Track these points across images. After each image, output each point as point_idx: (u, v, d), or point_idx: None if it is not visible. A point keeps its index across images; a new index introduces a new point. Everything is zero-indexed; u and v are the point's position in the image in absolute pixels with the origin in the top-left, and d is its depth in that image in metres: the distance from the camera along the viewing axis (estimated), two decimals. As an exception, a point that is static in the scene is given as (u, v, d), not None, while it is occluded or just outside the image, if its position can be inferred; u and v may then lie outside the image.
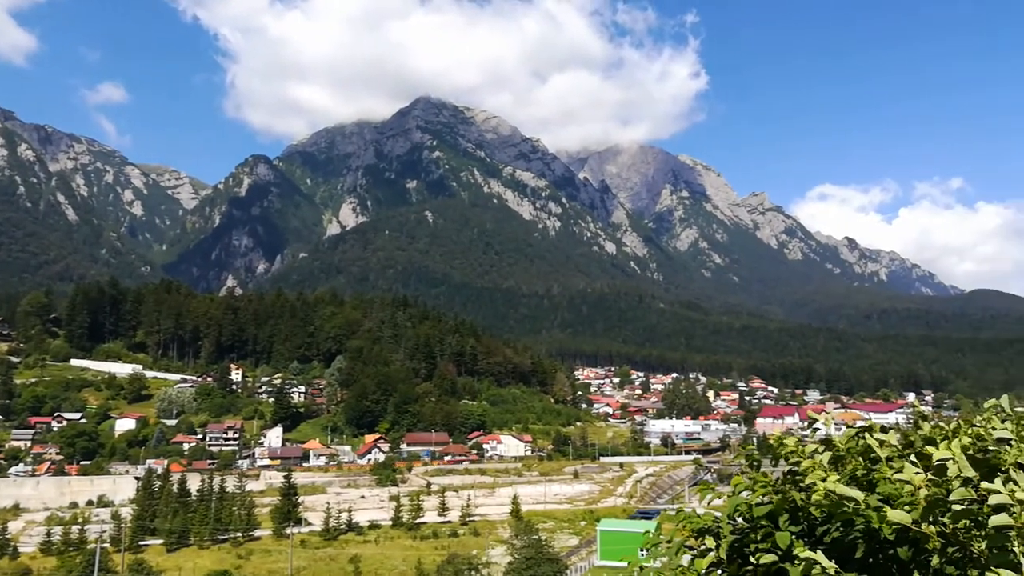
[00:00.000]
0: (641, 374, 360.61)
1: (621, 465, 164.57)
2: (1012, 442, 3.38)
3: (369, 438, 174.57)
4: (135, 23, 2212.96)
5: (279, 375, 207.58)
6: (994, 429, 3.51)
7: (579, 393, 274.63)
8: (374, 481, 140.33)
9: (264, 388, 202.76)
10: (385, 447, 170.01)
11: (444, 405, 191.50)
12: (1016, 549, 2.90)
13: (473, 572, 76.86)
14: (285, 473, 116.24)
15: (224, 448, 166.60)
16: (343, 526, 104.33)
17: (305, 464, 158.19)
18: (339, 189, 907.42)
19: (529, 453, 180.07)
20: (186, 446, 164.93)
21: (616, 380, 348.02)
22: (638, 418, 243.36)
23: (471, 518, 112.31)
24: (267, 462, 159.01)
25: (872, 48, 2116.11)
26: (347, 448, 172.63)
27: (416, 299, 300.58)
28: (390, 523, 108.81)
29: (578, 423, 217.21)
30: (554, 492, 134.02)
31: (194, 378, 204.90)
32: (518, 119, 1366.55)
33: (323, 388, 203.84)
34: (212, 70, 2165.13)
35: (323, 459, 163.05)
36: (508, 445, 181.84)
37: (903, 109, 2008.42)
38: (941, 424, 3.86)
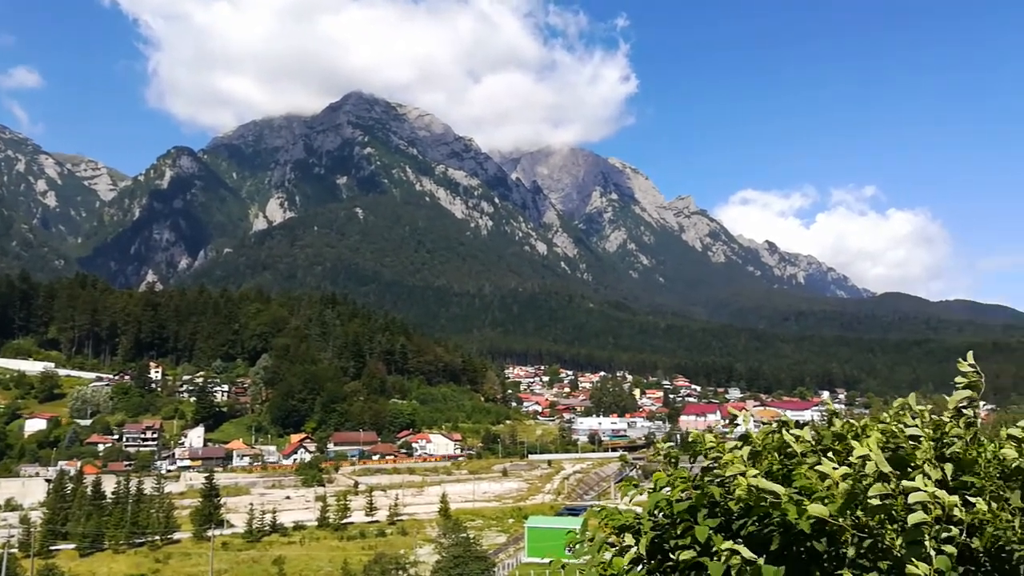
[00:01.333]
0: (570, 372, 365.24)
1: (549, 462, 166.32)
2: (922, 439, 3.52)
3: (295, 438, 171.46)
4: (50, 5, 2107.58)
5: (201, 374, 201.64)
6: (905, 426, 3.64)
7: (509, 391, 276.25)
8: (300, 481, 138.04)
9: (185, 387, 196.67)
10: (312, 447, 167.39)
11: (373, 404, 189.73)
12: (927, 543, 3.03)
13: (400, 571, 76.53)
14: (207, 474, 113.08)
15: (142, 449, 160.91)
16: (267, 527, 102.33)
17: (228, 465, 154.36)
18: (266, 184, 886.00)
19: (459, 452, 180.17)
20: (101, 447, 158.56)
21: (546, 378, 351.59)
22: (567, 416, 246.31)
23: (399, 517, 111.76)
24: (188, 463, 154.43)
25: (795, 59, 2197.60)
26: (272, 448, 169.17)
27: (345, 297, 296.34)
28: (316, 524, 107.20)
29: (508, 421, 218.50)
30: (483, 490, 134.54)
31: (110, 376, 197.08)
32: (451, 118, 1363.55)
33: (247, 387, 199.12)
34: (133, 58, 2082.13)
35: (247, 459, 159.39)
36: (438, 444, 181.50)
37: (823, 118, 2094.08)
38: (852, 421, 4.04)
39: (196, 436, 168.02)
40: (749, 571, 3.26)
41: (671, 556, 3.70)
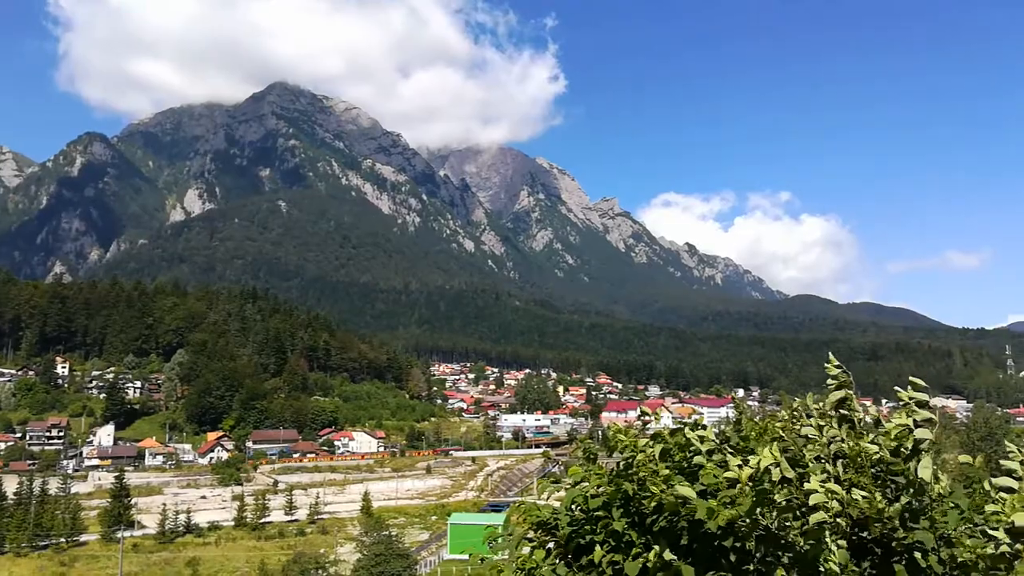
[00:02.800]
0: (496, 370, 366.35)
1: (473, 459, 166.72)
2: (815, 438, 3.72)
3: (212, 436, 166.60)
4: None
5: (112, 369, 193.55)
6: (802, 427, 3.83)
7: (435, 389, 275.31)
8: (216, 481, 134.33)
9: (95, 383, 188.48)
10: (229, 445, 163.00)
11: (294, 401, 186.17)
12: (828, 539, 3.24)
13: (320, 571, 75.70)
14: (117, 474, 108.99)
15: (47, 447, 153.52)
16: (181, 528, 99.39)
17: (141, 464, 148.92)
18: (185, 174, 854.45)
19: (382, 449, 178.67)
20: (2, 446, 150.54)
21: (471, 376, 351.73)
22: (491, 413, 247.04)
23: (320, 516, 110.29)
24: (97, 462, 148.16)
25: (718, 67, 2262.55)
26: (187, 447, 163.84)
27: (267, 292, 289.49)
28: (233, 524, 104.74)
29: (432, 418, 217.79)
30: (406, 488, 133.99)
31: (13, 372, 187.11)
32: (379, 112, 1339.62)
33: (162, 383, 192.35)
34: (42, 38, 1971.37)
35: (160, 459, 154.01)
36: (361, 441, 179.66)
37: (744, 124, 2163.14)
38: (755, 420, 4.14)
39: (106, 434, 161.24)
40: (666, 571, 3.36)
41: (588, 552, 3.80)
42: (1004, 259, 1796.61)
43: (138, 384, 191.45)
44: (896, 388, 3.78)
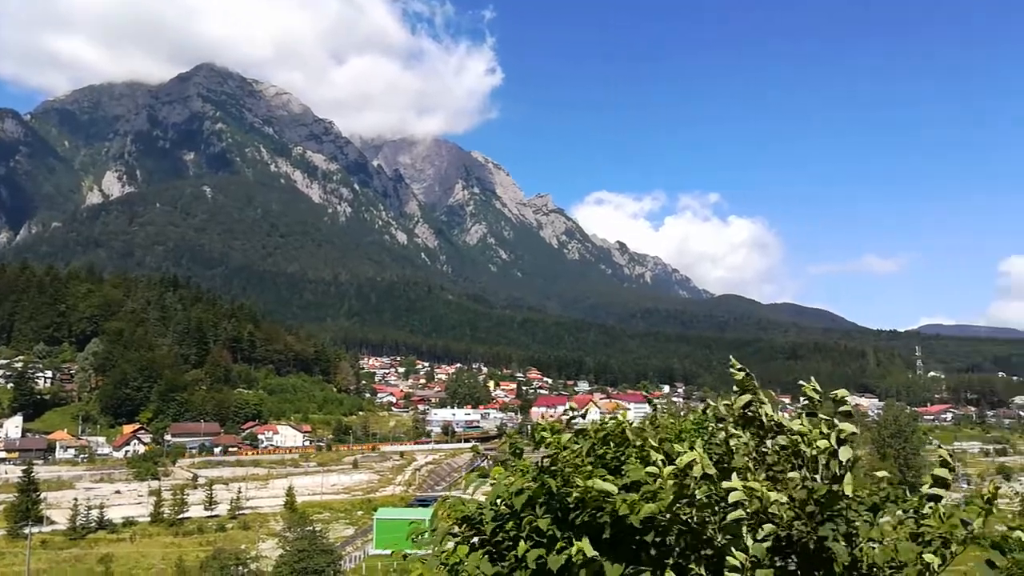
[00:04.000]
0: (426, 364, 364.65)
1: (402, 454, 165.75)
2: (739, 438, 3.77)
3: (128, 428, 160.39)
4: None
5: (21, 358, 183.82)
6: (720, 429, 3.89)
7: (363, 382, 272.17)
8: (132, 475, 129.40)
9: (2, 372, 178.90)
10: (147, 438, 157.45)
11: (216, 394, 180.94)
12: (745, 535, 3.30)
13: (241, 567, 73.84)
14: (24, 467, 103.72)
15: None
16: (93, 524, 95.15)
17: (51, 457, 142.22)
18: (104, 155, 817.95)
19: (308, 443, 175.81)
20: None
21: (402, 370, 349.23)
22: (421, 407, 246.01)
23: (241, 512, 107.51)
24: (3, 455, 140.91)
25: (653, 68, 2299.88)
26: (102, 439, 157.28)
27: (189, 280, 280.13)
28: (149, 519, 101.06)
29: (361, 412, 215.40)
30: (332, 483, 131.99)
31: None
32: (311, 99, 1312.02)
33: (75, 373, 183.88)
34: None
35: (72, 451, 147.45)
36: (285, 435, 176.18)
37: (677, 125, 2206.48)
38: (674, 419, 4.25)
39: (13, 426, 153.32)
40: (588, 569, 3.40)
41: (513, 547, 3.81)
42: (918, 265, 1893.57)
43: (49, 374, 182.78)
44: (811, 394, 3.94)
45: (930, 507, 3.48)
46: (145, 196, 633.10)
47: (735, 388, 4.03)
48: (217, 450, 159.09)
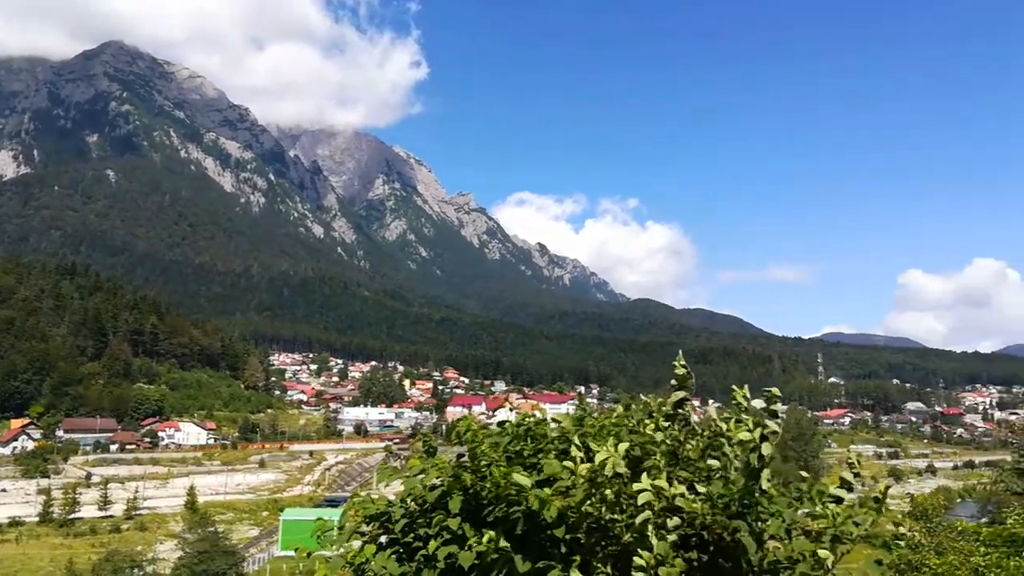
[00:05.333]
0: (340, 361, 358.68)
1: (311, 453, 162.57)
2: (657, 438, 3.78)
3: (16, 423, 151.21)
4: None
5: None
6: (645, 426, 3.92)
7: (273, 379, 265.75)
8: (20, 472, 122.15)
9: None
10: (37, 434, 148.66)
11: (115, 388, 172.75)
12: (651, 534, 3.35)
13: (136, 570, 70.84)
14: None
15: None
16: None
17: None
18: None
19: (212, 441, 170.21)
20: None
21: (314, 367, 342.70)
22: (333, 405, 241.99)
23: (138, 512, 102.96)
24: None
25: (580, 70, 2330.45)
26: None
27: (88, 268, 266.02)
28: (37, 519, 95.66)
29: (269, 410, 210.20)
30: (236, 482, 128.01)
31: None
32: (227, 83, 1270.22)
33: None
34: None
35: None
36: (188, 433, 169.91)
37: (600, 129, 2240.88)
38: (595, 417, 4.25)
39: None
40: (499, 559, 3.42)
41: (423, 544, 3.77)
42: (822, 276, 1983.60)
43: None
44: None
45: (829, 507, 3.62)
46: (43, 178, 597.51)
47: (672, 383, 4.06)
48: (114, 447, 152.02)
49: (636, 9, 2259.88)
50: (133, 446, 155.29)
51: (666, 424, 3.93)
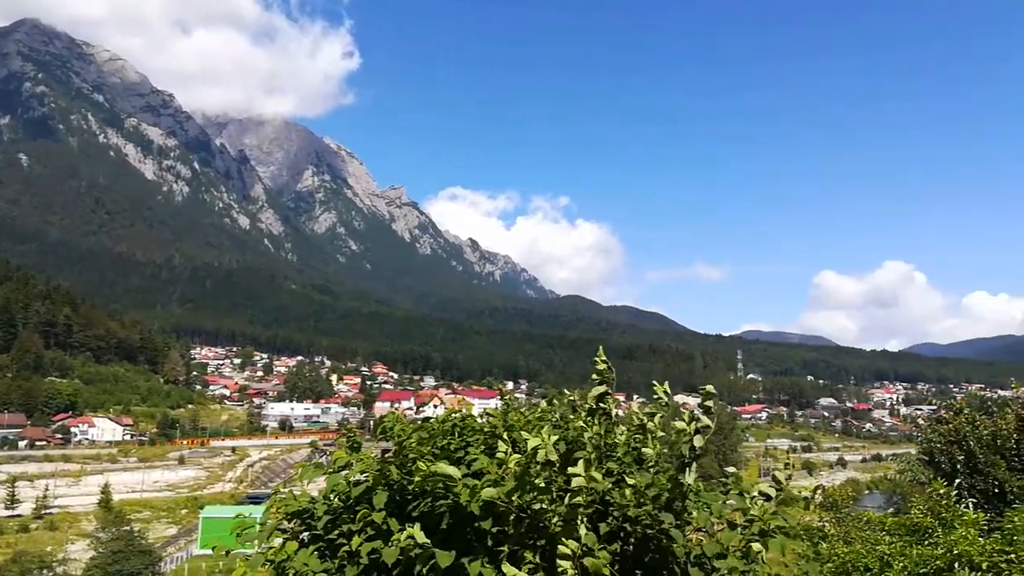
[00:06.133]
0: (265, 356, 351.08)
1: (233, 449, 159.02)
2: (586, 431, 3.80)
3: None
4: None
5: None
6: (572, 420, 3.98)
7: (194, 373, 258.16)
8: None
9: None
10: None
11: (24, 382, 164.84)
12: (580, 523, 3.38)
13: (46, 570, 68.04)
14: None
15: None
16: None
17: None
18: None
19: (129, 437, 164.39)
20: None
21: (237, 361, 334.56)
22: (257, 400, 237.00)
23: (48, 511, 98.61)
24: None
25: (512, 67, 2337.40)
26: None
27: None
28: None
29: (190, 405, 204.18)
30: (154, 479, 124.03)
31: None
32: (150, 67, 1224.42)
33: None
34: None
35: None
36: (103, 428, 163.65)
37: (533, 126, 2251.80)
38: (523, 411, 4.30)
39: None
40: (423, 554, 3.39)
41: (347, 540, 3.71)
42: (743, 275, 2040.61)
43: None
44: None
45: (758, 502, 3.71)
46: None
47: (593, 377, 4.09)
48: (22, 444, 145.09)
49: (574, 7, 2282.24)
50: (43, 442, 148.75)
51: (588, 418, 3.98)
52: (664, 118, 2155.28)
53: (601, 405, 4.04)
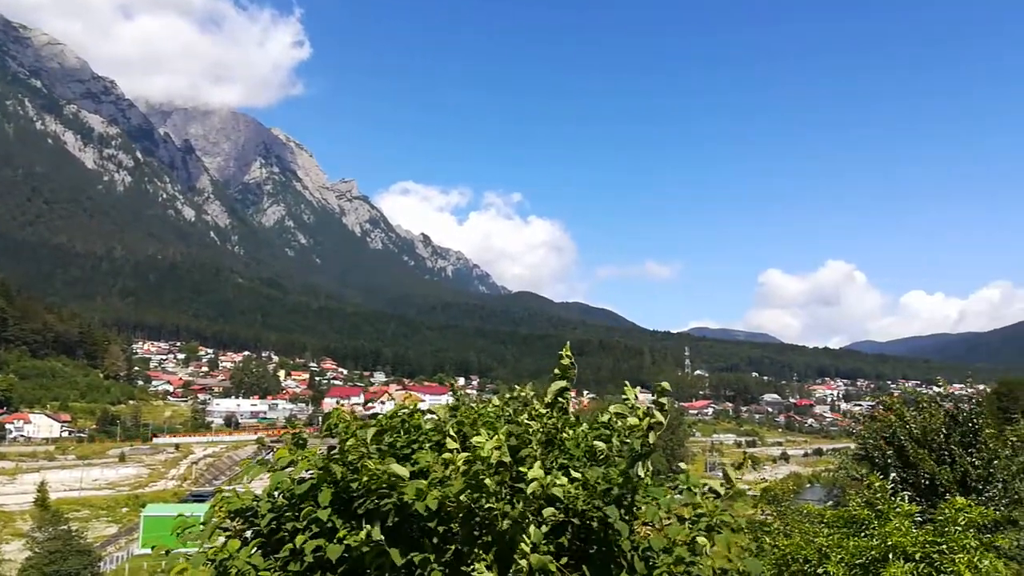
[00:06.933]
0: (210, 351, 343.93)
1: (177, 446, 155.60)
2: (534, 427, 3.83)
3: None
4: None
5: None
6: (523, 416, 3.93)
7: (136, 368, 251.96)
8: None
9: None
10: None
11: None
12: (529, 520, 3.40)
13: (-24, 573, 65.67)
14: None
15: None
16: None
17: None
18: None
19: (67, 434, 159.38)
20: None
21: (181, 356, 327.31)
22: (202, 396, 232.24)
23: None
24: None
25: (465, 63, 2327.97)
26: None
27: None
28: None
29: (132, 401, 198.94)
30: (94, 477, 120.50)
31: None
32: (91, 53, 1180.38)
33: None
34: None
35: None
36: (39, 425, 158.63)
37: (485, 122, 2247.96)
38: (473, 406, 4.31)
39: None
40: (371, 552, 3.38)
41: (291, 538, 3.68)
42: (690, 273, 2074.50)
43: None
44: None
45: (707, 498, 3.79)
46: None
47: (555, 372, 4.10)
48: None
49: (531, 2, 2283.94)
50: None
51: (544, 412, 3.99)
52: (616, 118, 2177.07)
53: (560, 400, 4.08)
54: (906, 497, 11.73)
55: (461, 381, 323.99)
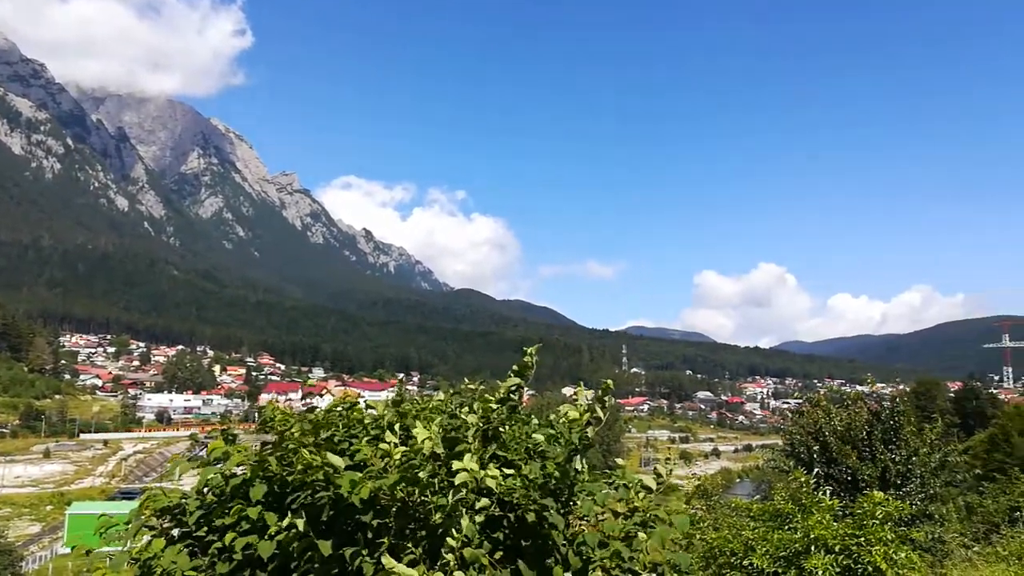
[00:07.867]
0: (142, 344, 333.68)
1: (105, 442, 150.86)
2: (471, 422, 3.82)
3: None
4: None
5: None
6: (461, 412, 3.98)
7: (63, 362, 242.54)
8: None
9: None
10: None
11: None
12: (463, 514, 3.38)
13: None
14: None
15: None
16: None
17: None
18: None
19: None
20: None
21: (112, 349, 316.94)
22: (132, 391, 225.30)
23: None
24: None
25: (411, 57, 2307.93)
26: None
27: None
28: None
29: (58, 396, 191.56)
30: (15, 474, 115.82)
31: None
32: (20, 35, 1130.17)
33: None
34: None
35: None
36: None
37: (430, 118, 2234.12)
38: (416, 400, 4.36)
39: None
40: (299, 545, 3.34)
41: (219, 536, 3.60)
42: (629, 273, 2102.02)
43: None
44: (536, 379, 4.07)
45: (641, 494, 3.84)
46: None
47: (513, 369, 4.12)
48: None
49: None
50: None
51: (496, 406, 3.97)
52: (562, 117, 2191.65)
53: (512, 396, 4.10)
54: (828, 492, 12.25)
55: (401, 377, 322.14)
